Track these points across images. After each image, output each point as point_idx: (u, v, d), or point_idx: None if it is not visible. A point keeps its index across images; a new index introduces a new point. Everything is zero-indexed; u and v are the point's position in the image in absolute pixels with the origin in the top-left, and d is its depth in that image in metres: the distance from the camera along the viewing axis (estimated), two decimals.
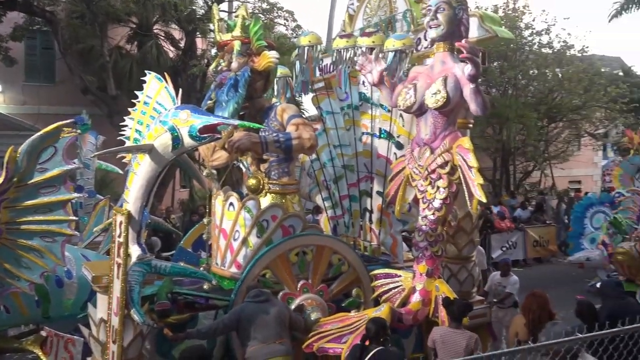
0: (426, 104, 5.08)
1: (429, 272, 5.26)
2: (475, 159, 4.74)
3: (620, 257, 7.92)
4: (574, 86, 19.25)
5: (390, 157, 6.27)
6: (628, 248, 7.96)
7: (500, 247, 12.91)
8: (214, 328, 4.64)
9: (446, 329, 4.78)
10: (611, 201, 10.52)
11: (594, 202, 10.89)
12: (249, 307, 4.58)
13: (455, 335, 4.66)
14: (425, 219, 5.23)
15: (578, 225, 10.75)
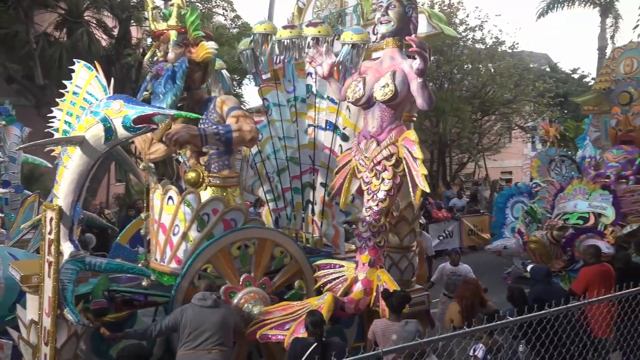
0: (374, 97, 5.14)
1: (371, 262, 5.33)
2: (420, 151, 4.84)
3: (533, 245, 8.20)
4: (505, 81, 20.10)
5: (335, 149, 6.29)
6: (540, 236, 8.25)
7: (438, 237, 13.28)
8: (152, 329, 4.48)
9: (386, 321, 4.86)
10: (529, 191, 10.93)
11: (514, 192, 11.18)
12: (190, 310, 4.42)
13: (395, 327, 4.75)
14: (369, 209, 5.29)
15: (500, 215, 11.04)
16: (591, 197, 8.95)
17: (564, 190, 9.41)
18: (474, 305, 5.72)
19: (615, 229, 8.42)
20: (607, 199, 8.78)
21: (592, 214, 8.72)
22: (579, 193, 9.13)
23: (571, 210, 9.03)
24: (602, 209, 8.77)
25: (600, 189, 8.95)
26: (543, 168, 12.20)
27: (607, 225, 8.50)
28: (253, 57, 6.28)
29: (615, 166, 10.62)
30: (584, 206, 8.91)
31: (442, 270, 7.40)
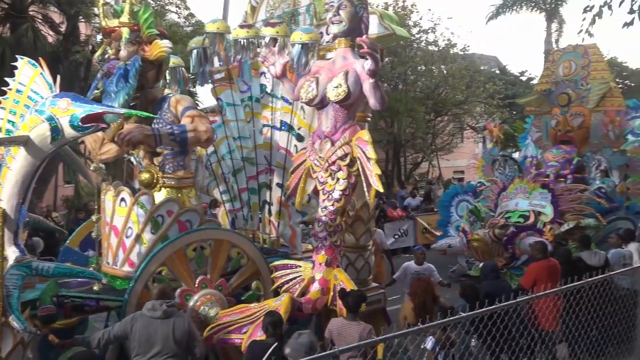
0: (328, 97, 5.16)
1: (328, 262, 5.36)
2: (373, 151, 4.89)
3: (475, 243, 8.41)
4: (457, 82, 20.64)
5: (291, 149, 6.29)
6: (482, 235, 8.45)
7: (393, 235, 13.48)
8: (101, 337, 4.31)
9: (342, 320, 4.89)
10: (474, 190, 11.16)
11: (459, 191, 11.37)
12: (140, 320, 4.24)
13: (351, 327, 4.78)
14: (325, 209, 5.31)
15: (445, 213, 11.21)
16: (531, 195, 9.23)
17: (506, 190, 9.67)
18: (426, 302, 5.84)
19: (553, 226, 8.69)
20: (546, 198, 9.08)
21: (532, 212, 8.99)
22: (520, 192, 9.40)
23: (513, 209, 9.26)
24: (541, 207, 9.04)
25: (540, 188, 9.25)
26: (487, 168, 12.45)
27: (546, 223, 8.77)
28: (203, 57, 6.18)
29: (555, 165, 11.02)
30: (524, 205, 9.16)
31: (406, 270, 7.40)
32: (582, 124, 11.58)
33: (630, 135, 11.87)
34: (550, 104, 12.10)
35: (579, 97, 11.77)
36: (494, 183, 10.44)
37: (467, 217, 9.82)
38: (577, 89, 11.84)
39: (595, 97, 11.58)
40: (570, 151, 11.22)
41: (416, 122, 20.59)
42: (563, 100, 11.83)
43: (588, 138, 11.70)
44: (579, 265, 6.76)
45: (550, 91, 12.16)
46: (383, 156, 21.75)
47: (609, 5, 5.66)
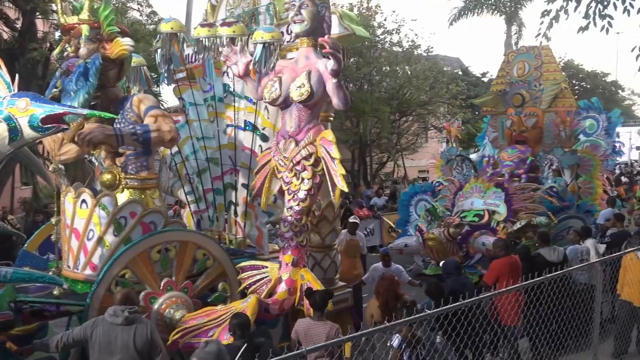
0: (291, 97, 5.15)
1: (294, 262, 5.36)
2: (337, 151, 4.92)
3: (430, 242, 8.49)
4: (421, 83, 20.93)
5: (255, 149, 6.26)
6: (437, 234, 8.55)
7: None
8: (59, 341, 4.17)
9: (309, 320, 4.90)
10: (432, 190, 11.25)
11: (418, 190, 11.35)
12: (101, 326, 4.11)
13: (318, 327, 4.79)
14: (290, 209, 5.32)
15: (405, 213, 11.22)
16: (486, 195, 9.34)
17: (462, 189, 9.77)
18: (389, 300, 5.91)
19: (506, 225, 8.81)
20: (500, 197, 9.20)
21: (487, 211, 9.11)
22: (476, 191, 9.52)
23: (468, 208, 9.40)
24: (495, 206, 9.16)
25: (494, 187, 9.37)
26: (446, 167, 12.55)
27: (500, 222, 8.90)
28: (165, 56, 6.09)
29: (510, 165, 11.15)
30: (479, 204, 9.28)
31: (375, 271, 7.42)
32: (536, 124, 11.70)
33: (581, 135, 12.07)
34: (506, 104, 12.17)
35: (533, 97, 11.87)
36: (451, 183, 10.52)
37: (425, 216, 9.86)
38: (530, 90, 11.93)
39: (547, 98, 11.71)
40: (525, 151, 11.33)
41: (381, 122, 20.77)
42: (517, 100, 11.92)
43: (542, 138, 11.82)
44: (539, 261, 6.97)
45: (505, 92, 12.25)
46: (349, 156, 21.87)
47: (565, 10, 5.84)
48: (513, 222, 8.92)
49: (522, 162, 11.15)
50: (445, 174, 12.36)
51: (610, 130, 12.15)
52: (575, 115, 11.84)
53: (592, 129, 12.15)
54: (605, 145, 11.83)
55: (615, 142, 12.55)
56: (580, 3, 5.85)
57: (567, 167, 10.78)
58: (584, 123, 12.11)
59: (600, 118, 12.09)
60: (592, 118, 12.21)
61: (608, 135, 12.05)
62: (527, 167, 11.11)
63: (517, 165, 11.14)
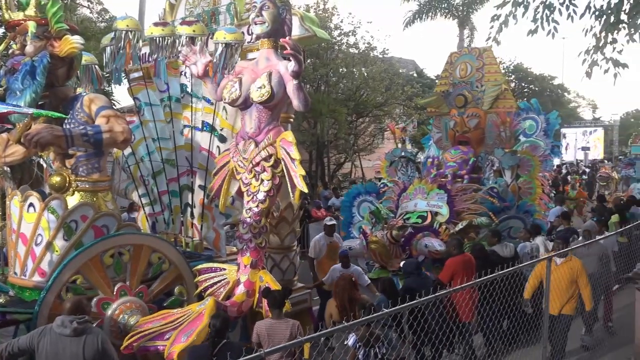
0: (251, 98, 5.13)
1: (253, 264, 5.33)
2: (297, 152, 4.92)
3: (373, 245, 8.28)
4: (377, 85, 21.18)
5: (213, 150, 6.19)
6: (380, 237, 8.37)
7: None
8: (4, 350, 3.97)
9: (270, 320, 4.87)
10: (377, 191, 11.06)
11: (361, 191, 11.16)
12: (49, 336, 3.94)
13: (280, 326, 4.77)
14: (249, 211, 5.28)
15: (348, 214, 11.02)
16: (429, 196, 9.24)
17: (406, 190, 9.65)
18: (344, 300, 5.95)
19: (449, 226, 8.74)
20: (443, 198, 9.13)
21: (430, 213, 9.00)
22: (419, 192, 9.41)
23: (412, 210, 9.29)
24: (438, 207, 9.08)
25: (437, 189, 9.29)
26: (391, 168, 12.40)
27: (442, 223, 8.82)
28: (116, 54, 5.94)
29: (453, 166, 11.08)
30: (423, 205, 9.19)
31: (334, 272, 7.41)
32: (478, 125, 11.69)
33: (521, 136, 12.15)
34: (449, 105, 12.13)
35: (475, 98, 11.86)
36: (395, 184, 10.46)
37: (369, 218, 9.66)
38: (472, 91, 11.90)
39: (488, 99, 11.70)
40: (467, 152, 11.29)
41: (338, 124, 20.89)
42: (460, 101, 11.88)
43: (484, 139, 11.80)
44: (493, 259, 7.17)
45: (448, 92, 12.21)
46: (307, 157, 21.88)
47: (514, 15, 6.03)
48: (455, 224, 8.85)
49: (464, 162, 11.12)
50: (391, 175, 12.22)
51: (548, 132, 12.26)
52: (515, 116, 11.93)
53: (531, 130, 12.18)
54: (544, 146, 11.94)
55: (554, 143, 12.67)
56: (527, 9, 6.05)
57: (508, 168, 10.80)
58: (523, 124, 12.16)
59: (539, 119, 12.17)
60: (531, 119, 12.28)
61: (547, 136, 12.13)
62: (470, 167, 11.03)
63: (460, 166, 11.10)
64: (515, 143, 11.75)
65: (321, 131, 20.52)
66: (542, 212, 10.94)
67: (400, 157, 12.34)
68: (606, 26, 5.77)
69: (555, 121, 12.48)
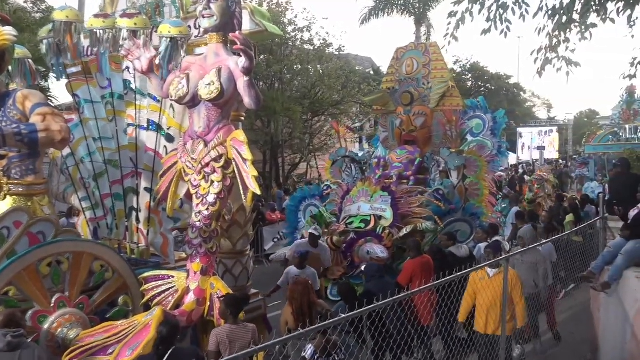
0: (200, 95, 5.05)
1: (203, 270, 5.25)
2: (249, 152, 4.87)
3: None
4: (333, 82, 21.33)
5: (160, 150, 6.09)
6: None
7: (272, 239, 13.50)
8: None
9: (229, 326, 4.83)
10: (321, 194, 11.20)
11: (307, 195, 11.17)
12: None
13: (240, 331, 4.76)
14: (199, 214, 5.21)
15: (293, 219, 11.04)
16: (373, 199, 9.23)
17: (350, 193, 9.63)
18: (303, 306, 5.95)
19: (392, 231, 8.76)
20: (387, 201, 9.12)
21: (374, 217, 9.00)
22: (363, 195, 9.39)
23: (355, 213, 9.27)
24: (382, 211, 9.07)
25: (381, 191, 9.29)
26: (335, 169, 12.23)
27: (386, 228, 8.81)
28: (55, 47, 5.75)
29: (399, 166, 11.06)
30: (366, 209, 9.18)
31: (288, 275, 7.39)
32: (425, 124, 11.65)
33: (468, 135, 12.09)
34: (395, 102, 12.05)
35: (421, 96, 11.81)
36: (339, 186, 10.38)
37: (311, 222, 9.52)
38: (419, 88, 11.84)
39: (435, 96, 11.67)
40: (413, 152, 11.29)
41: (293, 122, 20.93)
42: (406, 99, 11.79)
43: (431, 138, 11.78)
44: (450, 260, 7.33)
45: (394, 89, 12.12)
46: (260, 157, 21.79)
47: (470, 12, 6.17)
48: (400, 228, 8.83)
49: (410, 163, 11.10)
50: (335, 176, 12.07)
51: (495, 131, 12.17)
52: (462, 114, 11.95)
53: (478, 129, 12.13)
54: (491, 146, 11.83)
55: (501, 143, 12.64)
56: (484, 6, 6.20)
57: (454, 169, 10.70)
58: (470, 123, 12.15)
59: (486, 118, 12.13)
60: (478, 118, 12.24)
61: (494, 136, 12.04)
62: (415, 168, 10.99)
63: (406, 166, 11.07)
64: (462, 143, 11.78)
65: (275, 130, 20.50)
66: (489, 215, 10.95)
67: (344, 157, 12.19)
68: (559, 25, 5.99)
69: (502, 120, 12.48)
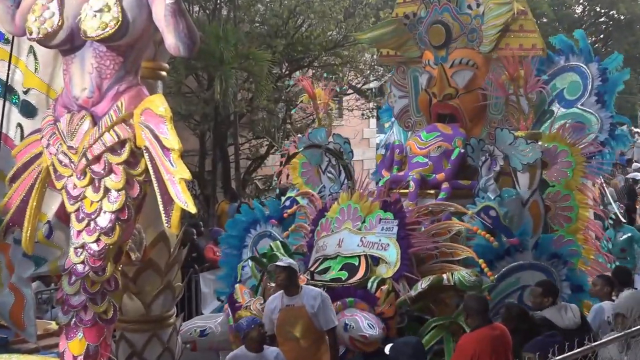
0: (83, 32, 5.08)
1: (90, 353, 5.29)
2: (174, 135, 4.91)
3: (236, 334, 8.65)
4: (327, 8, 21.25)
5: (10, 132, 6.22)
6: (256, 309, 8.48)
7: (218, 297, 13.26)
8: None
9: None
10: (281, 215, 11.35)
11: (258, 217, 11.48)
12: None
13: None
14: (81, 250, 5.24)
15: (233, 262, 11.37)
16: (366, 224, 9.11)
17: (327, 214, 9.54)
18: None
19: (397, 286, 8.56)
20: (391, 229, 8.94)
21: (364, 259, 8.85)
22: (349, 218, 9.26)
23: (333, 252, 9.17)
24: (380, 248, 8.91)
25: (381, 211, 9.10)
26: (311, 169, 11.96)
27: (386, 280, 8.62)
28: None
29: (423, 163, 10.69)
30: (353, 243, 9.06)
31: None
32: (473, 83, 11.17)
33: (555, 104, 11.58)
34: (419, 43, 11.62)
35: (466, 31, 11.25)
36: (309, 201, 10.42)
37: (256, 272, 9.84)
38: (461, 15, 11.21)
39: (491, 31, 11.01)
40: (453, 135, 10.86)
41: (255, 81, 20.78)
42: (438, 35, 11.24)
43: (485, 110, 11.38)
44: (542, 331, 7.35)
45: (418, 19, 11.52)
46: (197, 145, 21.70)
47: None
48: (411, 281, 8.68)
49: (445, 156, 10.71)
50: (311, 181, 11.84)
51: (606, 95, 11.41)
52: (541, 65, 11.28)
53: (573, 91, 11.57)
54: (596, 125, 11.26)
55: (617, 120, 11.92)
56: None
57: (523, 168, 9.99)
58: (558, 81, 11.68)
59: (589, 71, 11.44)
60: (572, 70, 11.65)
61: (602, 106, 11.36)
62: (453, 166, 10.56)
63: (436, 163, 10.70)
64: (541, 119, 11.39)
65: (222, 96, 20.29)
66: (590, 257, 10.78)
67: (326, 150, 11.65)
68: None
69: (619, 75, 11.74)
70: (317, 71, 23.71)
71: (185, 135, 19.77)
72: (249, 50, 19.93)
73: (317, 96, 12.09)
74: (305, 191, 11.05)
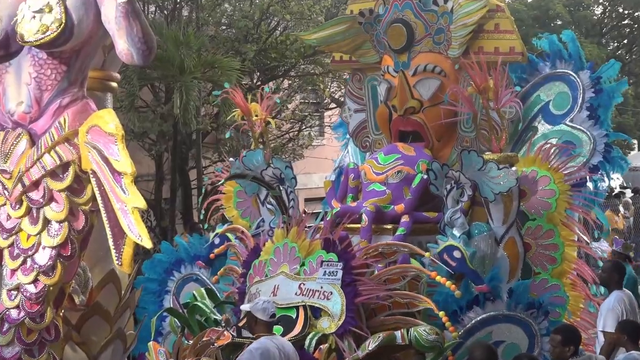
0: (20, 35, 5.12)
1: None
2: (126, 157, 4.92)
3: None
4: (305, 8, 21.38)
5: None
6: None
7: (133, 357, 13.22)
8: None
9: None
10: (208, 254, 11.23)
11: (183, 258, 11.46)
12: None
13: None
14: (15, 293, 5.24)
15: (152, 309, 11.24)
16: (305, 268, 8.94)
17: (261, 255, 9.38)
18: None
19: (342, 345, 8.37)
20: (335, 274, 8.76)
21: (302, 311, 8.70)
22: (285, 260, 9.11)
23: None
24: (323, 297, 8.76)
25: (322, 251, 8.87)
26: (248, 200, 11.77)
27: (328, 336, 8.47)
28: None
29: (379, 192, 10.49)
30: (289, 291, 8.91)
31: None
32: (438, 94, 10.88)
33: (539, 119, 11.36)
34: (377, 45, 11.47)
35: (431, 31, 10.99)
36: (240, 239, 10.35)
37: (174, 326, 9.89)
38: (425, 13, 10.93)
39: (461, 32, 10.76)
40: (415, 157, 10.61)
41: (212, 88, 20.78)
42: (397, 37, 11.02)
43: (455, 126, 11.11)
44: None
45: (376, 16, 11.27)
46: (152, 168, 21.72)
47: None
48: (359, 339, 8.47)
49: (406, 184, 10.47)
50: (250, 213, 11.73)
51: (599, 110, 11.10)
52: (523, 72, 11.37)
53: (560, 104, 11.31)
54: (589, 144, 10.95)
55: (612, 136, 11.40)
56: None
57: (495, 199, 10.08)
58: (543, 92, 11.44)
59: (579, 80, 11.14)
60: (560, 79, 11.41)
61: (596, 121, 11.04)
62: (414, 196, 10.23)
63: (395, 191, 10.46)
64: (521, 137, 11.22)
65: (183, 111, 20.28)
66: (579, 305, 10.55)
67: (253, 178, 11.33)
68: None
69: (615, 86, 11.42)
70: (294, 81, 23.76)
71: (140, 157, 19.76)
72: (213, 57, 19.96)
73: (252, 111, 11.60)
74: (233, 227, 10.85)
